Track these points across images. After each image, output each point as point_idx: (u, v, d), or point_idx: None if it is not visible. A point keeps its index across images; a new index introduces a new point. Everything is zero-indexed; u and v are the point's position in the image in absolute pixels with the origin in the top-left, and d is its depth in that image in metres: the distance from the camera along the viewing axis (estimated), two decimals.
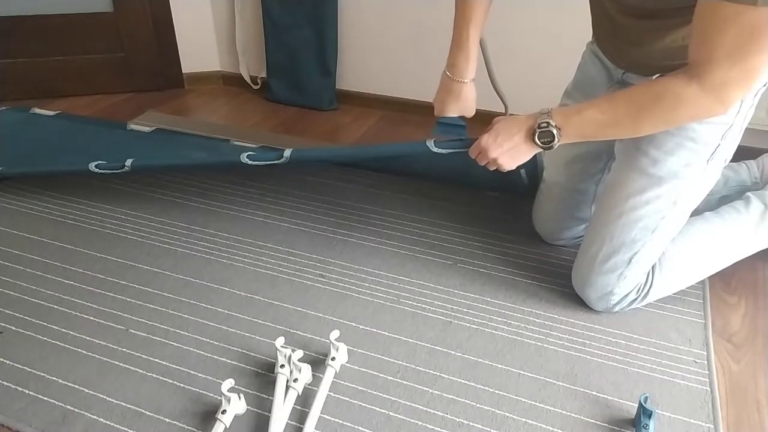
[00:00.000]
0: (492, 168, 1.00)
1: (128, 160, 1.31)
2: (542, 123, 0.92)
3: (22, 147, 1.71)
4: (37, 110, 1.95)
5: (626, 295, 1.10)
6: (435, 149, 1.05)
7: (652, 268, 1.10)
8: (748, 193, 1.19)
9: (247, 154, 1.19)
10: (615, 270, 1.07)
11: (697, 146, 0.99)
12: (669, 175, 1.01)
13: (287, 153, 1.12)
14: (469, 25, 1.09)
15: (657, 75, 0.97)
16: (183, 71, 2.29)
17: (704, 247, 1.14)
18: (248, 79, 2.28)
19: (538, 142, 0.93)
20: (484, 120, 1.09)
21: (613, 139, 0.96)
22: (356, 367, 1.01)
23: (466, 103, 1.13)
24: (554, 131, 0.91)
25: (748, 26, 0.76)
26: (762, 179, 1.28)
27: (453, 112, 1.13)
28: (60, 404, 0.93)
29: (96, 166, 1.32)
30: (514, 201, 1.49)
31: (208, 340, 1.06)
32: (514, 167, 0.99)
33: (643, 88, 0.89)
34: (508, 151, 0.96)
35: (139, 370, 1.00)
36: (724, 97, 0.83)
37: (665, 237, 1.06)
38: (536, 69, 1.87)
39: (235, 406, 0.89)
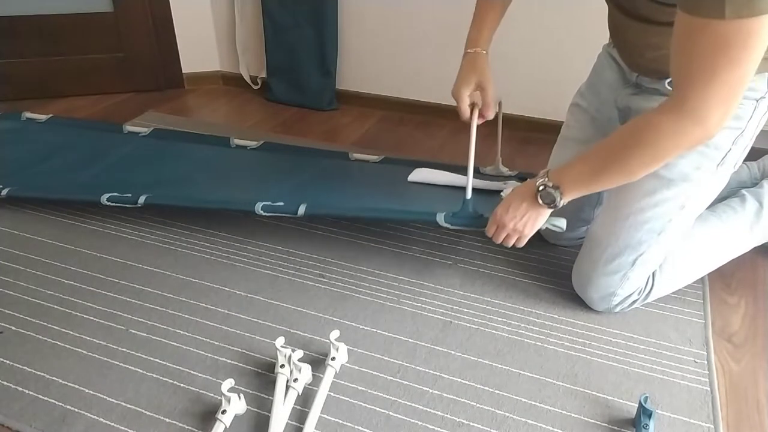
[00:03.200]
0: (513, 241, 1.03)
1: (141, 197, 1.32)
2: (540, 186, 0.96)
3: (17, 156, 1.69)
4: (29, 114, 1.92)
5: (628, 296, 1.10)
6: (443, 224, 1.09)
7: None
8: (743, 191, 1.19)
9: (262, 205, 1.23)
10: (618, 271, 1.07)
11: (708, 150, 0.98)
12: (679, 177, 1.00)
13: (302, 210, 1.18)
14: (487, 5, 1.13)
15: (669, 80, 0.97)
16: (183, 71, 2.29)
17: (704, 248, 1.14)
18: (248, 79, 2.28)
19: (543, 204, 0.97)
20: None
21: (614, 186, 0.96)
22: (356, 367, 1.01)
23: (482, 73, 1.14)
24: (553, 191, 0.95)
25: (718, 40, 0.75)
26: (762, 180, 1.28)
27: (471, 83, 1.13)
28: (60, 404, 0.93)
29: (107, 199, 1.33)
30: None
31: (208, 340, 1.06)
32: (534, 232, 1.02)
33: (625, 128, 0.90)
34: (522, 219, 1.00)
35: (139, 370, 1.00)
36: (703, 119, 0.81)
37: (670, 240, 1.06)
38: (554, 68, 1.87)
39: (235, 406, 0.89)
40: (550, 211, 1.00)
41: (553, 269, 1.25)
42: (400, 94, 2.10)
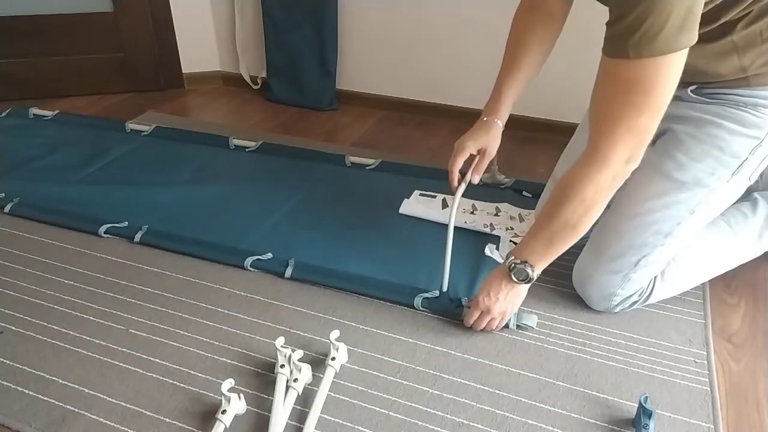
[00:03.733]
0: (497, 324, 1.05)
1: (138, 233, 1.32)
2: (510, 266, 1.00)
3: (23, 151, 1.72)
4: (36, 111, 1.96)
5: (628, 297, 1.10)
6: (421, 308, 1.12)
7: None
8: (755, 194, 1.18)
9: (251, 261, 1.23)
10: (621, 271, 1.07)
11: (725, 156, 0.98)
12: (692, 181, 1.00)
13: (288, 272, 1.20)
14: (512, 76, 1.14)
15: (693, 87, 0.98)
16: (183, 71, 2.29)
17: (709, 254, 1.13)
18: (248, 79, 2.28)
19: (518, 281, 1.01)
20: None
21: (568, 244, 0.97)
22: (356, 367, 1.01)
23: (492, 140, 1.15)
24: (524, 267, 0.99)
25: (622, 82, 0.78)
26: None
27: (479, 142, 1.14)
28: (60, 404, 0.93)
29: (105, 231, 1.34)
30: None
31: (208, 340, 1.06)
32: (517, 309, 1.06)
33: (555, 190, 0.95)
34: (506, 300, 1.03)
35: (139, 370, 1.00)
36: (610, 163, 0.85)
37: (676, 244, 1.05)
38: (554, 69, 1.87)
39: (235, 406, 0.89)
40: (528, 285, 1.03)
41: (553, 269, 1.24)
42: (400, 94, 2.10)
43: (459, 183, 1.15)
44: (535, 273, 0.99)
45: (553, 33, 1.12)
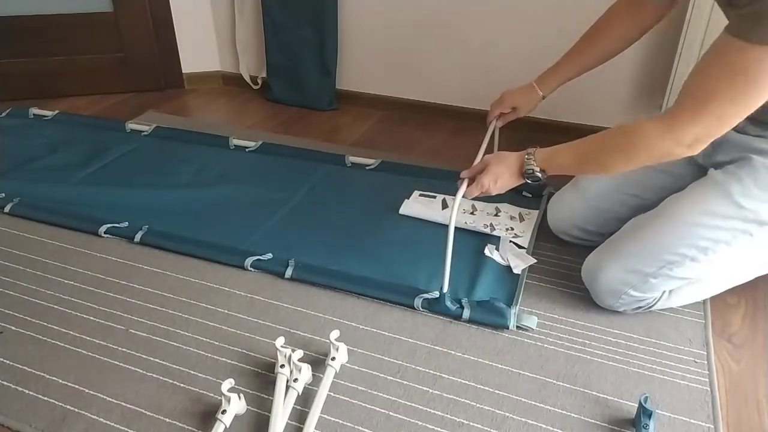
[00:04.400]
0: (477, 194, 1.07)
1: (138, 233, 1.32)
2: (528, 169, 1.02)
3: (23, 151, 1.72)
4: (36, 111, 1.97)
5: (639, 301, 1.07)
6: (421, 309, 1.12)
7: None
8: None
9: (251, 261, 1.23)
10: (639, 271, 1.04)
11: None
12: (752, 210, 0.96)
13: (289, 272, 1.20)
14: (575, 56, 1.21)
15: None
16: (183, 71, 2.30)
17: (717, 281, 1.11)
18: (248, 79, 2.28)
19: (527, 180, 1.03)
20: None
21: (591, 174, 1.04)
22: (356, 367, 1.01)
23: (528, 104, 1.26)
24: (539, 174, 1.01)
25: (733, 63, 0.77)
26: None
27: (512, 99, 1.27)
28: (60, 404, 0.93)
29: (105, 231, 1.34)
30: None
31: (208, 340, 1.06)
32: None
33: (615, 128, 0.95)
34: (498, 185, 1.05)
35: (139, 370, 1.00)
36: (678, 136, 0.85)
37: (703, 269, 1.02)
38: None
39: (235, 406, 0.89)
40: (523, 181, 1.05)
41: (553, 269, 1.25)
42: (400, 94, 2.10)
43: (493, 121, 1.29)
44: (543, 178, 1.01)
45: (640, 32, 1.14)
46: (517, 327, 1.08)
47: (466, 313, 1.09)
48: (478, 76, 1.94)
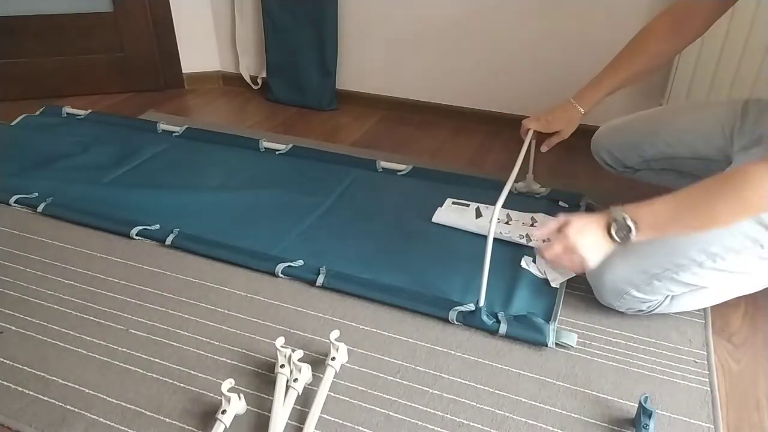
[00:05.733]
0: (569, 264, 0.96)
1: (170, 236, 1.31)
2: (618, 218, 0.90)
3: (55, 151, 1.73)
4: (69, 110, 1.99)
5: (641, 303, 1.07)
6: (455, 322, 1.09)
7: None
8: None
9: (282, 267, 1.21)
10: (646, 271, 1.03)
11: None
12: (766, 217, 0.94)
13: (320, 280, 1.18)
14: (614, 71, 1.19)
15: None
16: (183, 71, 2.30)
17: (719, 292, 1.10)
18: (248, 79, 2.28)
19: (615, 237, 0.91)
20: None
21: (689, 231, 0.92)
22: (356, 367, 1.01)
23: (568, 124, 1.24)
24: (630, 224, 0.89)
25: None
26: None
27: (554, 124, 1.25)
28: (60, 404, 0.93)
29: (137, 234, 1.33)
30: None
31: (208, 340, 1.06)
32: (596, 262, 0.95)
33: (720, 174, 0.87)
34: (590, 246, 0.93)
35: (139, 370, 1.00)
36: None
37: (710, 277, 1.01)
38: (556, 69, 1.87)
39: (235, 406, 0.89)
40: (612, 246, 0.93)
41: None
42: (400, 94, 2.10)
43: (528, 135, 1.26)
44: (634, 236, 0.90)
45: (679, 50, 1.16)
46: (556, 344, 1.04)
47: (503, 328, 1.05)
48: (478, 75, 1.94)
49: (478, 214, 1.41)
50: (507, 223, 1.38)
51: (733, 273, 1.01)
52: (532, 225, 1.37)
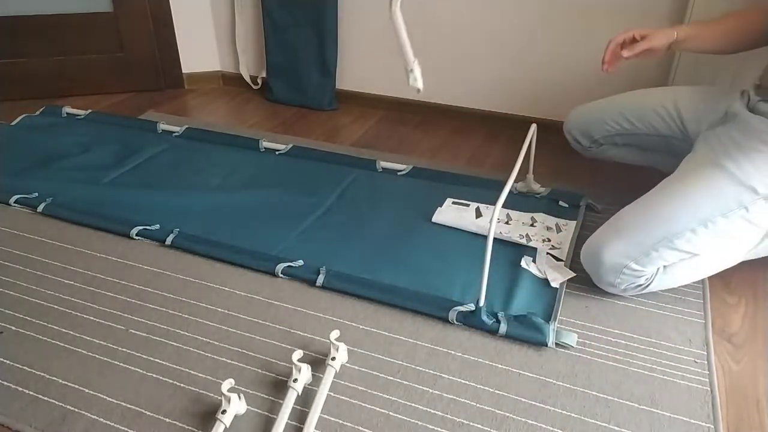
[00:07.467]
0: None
1: (170, 236, 1.31)
2: None
3: (54, 150, 1.73)
4: (69, 110, 1.99)
5: (638, 277, 1.09)
6: (455, 322, 1.09)
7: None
8: None
9: (282, 267, 1.21)
10: (642, 243, 1.06)
11: None
12: (744, 176, 1.03)
13: (320, 280, 1.18)
14: (708, 25, 1.22)
15: None
16: (183, 71, 2.30)
17: (714, 258, 1.12)
18: (248, 79, 2.28)
19: None
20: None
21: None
22: (356, 367, 1.01)
23: (661, 33, 1.19)
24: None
25: None
26: None
27: (644, 30, 1.21)
28: (60, 404, 0.93)
29: (137, 234, 1.33)
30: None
31: (208, 340, 1.06)
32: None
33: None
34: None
35: (139, 370, 1.00)
36: None
37: (703, 244, 1.06)
38: (556, 69, 1.87)
39: (235, 406, 0.89)
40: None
41: None
42: (400, 94, 2.10)
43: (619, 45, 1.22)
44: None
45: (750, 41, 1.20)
46: (557, 344, 1.05)
47: (503, 328, 1.06)
48: (478, 75, 1.94)
49: (478, 214, 1.41)
50: (507, 223, 1.38)
51: (724, 239, 1.07)
52: (532, 225, 1.37)
